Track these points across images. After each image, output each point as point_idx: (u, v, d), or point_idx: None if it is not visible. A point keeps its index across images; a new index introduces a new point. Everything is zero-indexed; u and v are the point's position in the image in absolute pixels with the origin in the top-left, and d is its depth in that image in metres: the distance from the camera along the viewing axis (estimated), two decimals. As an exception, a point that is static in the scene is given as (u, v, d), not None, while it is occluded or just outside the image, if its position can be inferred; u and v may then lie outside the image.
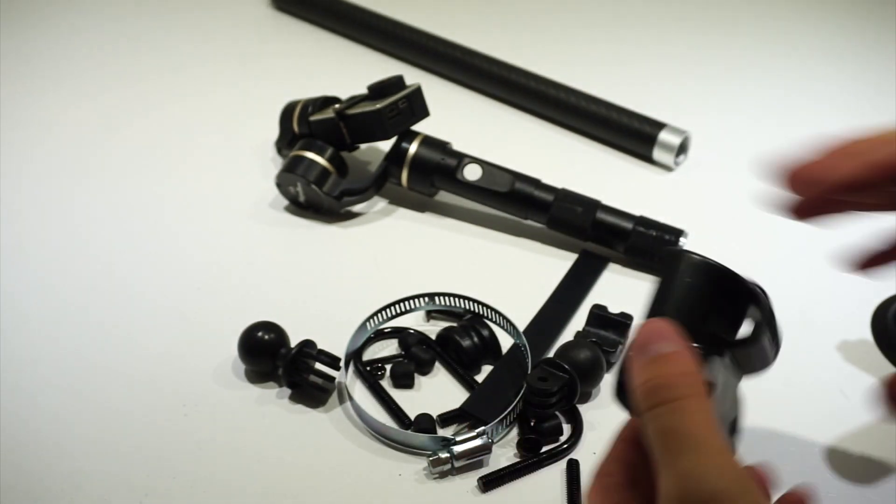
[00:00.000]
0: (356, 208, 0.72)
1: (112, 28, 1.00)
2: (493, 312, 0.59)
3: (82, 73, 0.91)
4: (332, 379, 0.54)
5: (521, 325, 0.58)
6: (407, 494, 0.49)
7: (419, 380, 0.57)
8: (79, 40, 0.97)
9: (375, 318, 0.58)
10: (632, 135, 0.78)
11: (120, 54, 0.95)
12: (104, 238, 0.69)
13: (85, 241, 0.68)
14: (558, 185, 0.67)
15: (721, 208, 0.73)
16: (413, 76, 0.82)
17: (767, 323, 0.37)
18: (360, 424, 0.53)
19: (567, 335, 0.59)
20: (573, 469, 0.50)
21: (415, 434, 0.51)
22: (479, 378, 0.56)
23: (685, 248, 0.32)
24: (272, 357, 0.55)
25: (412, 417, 0.53)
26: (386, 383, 0.56)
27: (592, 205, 0.66)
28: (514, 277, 0.66)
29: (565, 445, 0.51)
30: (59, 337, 0.59)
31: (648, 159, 0.77)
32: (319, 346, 0.55)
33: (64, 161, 0.78)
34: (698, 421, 0.30)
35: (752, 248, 0.68)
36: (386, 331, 0.59)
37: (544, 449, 0.51)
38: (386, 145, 0.71)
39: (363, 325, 0.58)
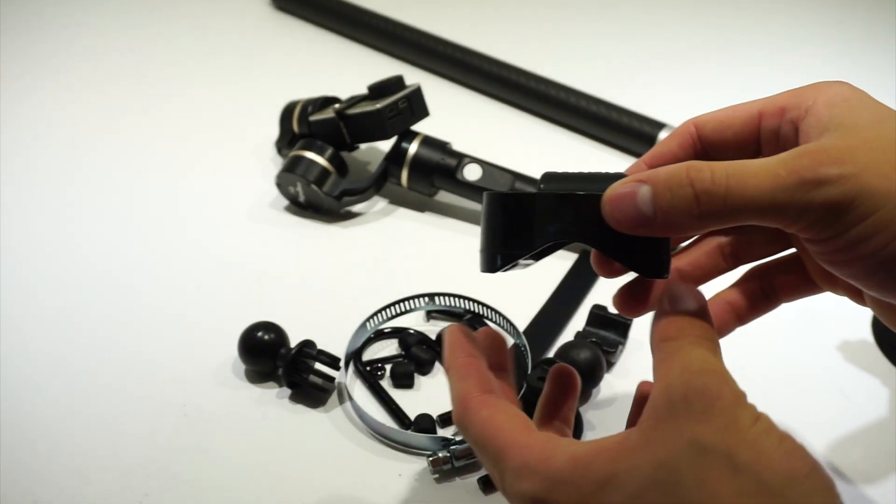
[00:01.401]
0: (356, 208, 0.72)
1: (112, 27, 1.00)
2: (493, 312, 0.59)
3: (82, 72, 0.91)
4: (332, 379, 0.54)
5: (521, 325, 0.58)
6: (407, 494, 0.49)
7: (419, 380, 0.57)
8: (79, 40, 0.97)
9: (375, 318, 0.58)
10: (632, 134, 0.78)
11: (120, 53, 0.95)
12: (104, 238, 0.69)
13: (84, 241, 0.68)
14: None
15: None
16: (413, 76, 0.83)
17: None
18: (360, 424, 0.53)
19: (567, 335, 0.59)
20: (573, 469, 0.50)
21: (415, 434, 0.51)
22: (479, 378, 0.56)
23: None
24: (272, 357, 0.55)
25: (412, 417, 0.53)
26: (386, 383, 0.56)
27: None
28: (515, 277, 0.66)
29: (565, 445, 0.51)
30: (59, 337, 0.59)
31: (649, 159, 0.77)
32: (319, 346, 0.55)
33: (62, 160, 0.78)
34: (694, 345, 0.32)
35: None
36: (386, 331, 0.59)
37: (544, 449, 0.51)
38: (386, 145, 0.71)
39: (363, 325, 0.58)
